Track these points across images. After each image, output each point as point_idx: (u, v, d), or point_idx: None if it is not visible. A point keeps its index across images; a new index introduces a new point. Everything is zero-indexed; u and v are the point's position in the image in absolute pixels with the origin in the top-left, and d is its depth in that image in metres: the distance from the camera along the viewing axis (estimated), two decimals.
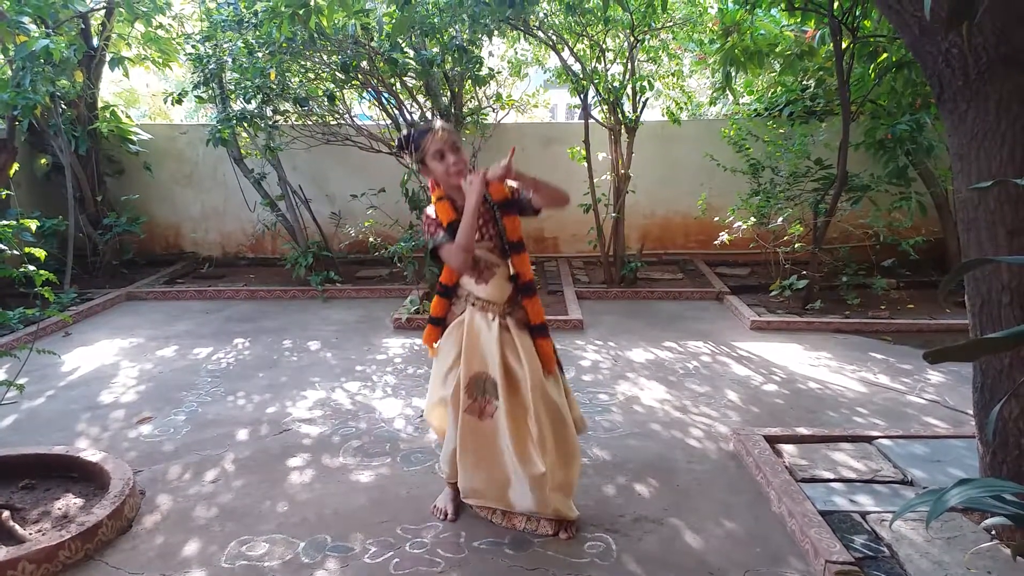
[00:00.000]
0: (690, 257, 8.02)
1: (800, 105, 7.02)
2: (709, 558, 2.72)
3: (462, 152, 2.69)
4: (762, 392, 4.42)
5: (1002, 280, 2.58)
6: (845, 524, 2.82)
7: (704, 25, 6.56)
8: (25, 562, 2.53)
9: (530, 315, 2.78)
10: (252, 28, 5.93)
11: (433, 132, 2.66)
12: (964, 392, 4.25)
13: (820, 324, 5.71)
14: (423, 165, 2.72)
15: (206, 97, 6.70)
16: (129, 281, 7.15)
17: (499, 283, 2.74)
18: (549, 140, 7.86)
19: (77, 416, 4.10)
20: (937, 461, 3.29)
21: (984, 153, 2.56)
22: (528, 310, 2.77)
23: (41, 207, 7.15)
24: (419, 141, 2.68)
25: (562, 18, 6.40)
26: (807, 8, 5.46)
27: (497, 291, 2.74)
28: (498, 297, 2.74)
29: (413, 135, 2.72)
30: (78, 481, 3.23)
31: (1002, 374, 2.66)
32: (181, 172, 8.18)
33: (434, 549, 2.78)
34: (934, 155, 6.33)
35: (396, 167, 6.94)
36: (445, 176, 2.66)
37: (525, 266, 2.75)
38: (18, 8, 5.29)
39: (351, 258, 7.81)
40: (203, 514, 3.05)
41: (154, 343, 5.45)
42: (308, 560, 2.72)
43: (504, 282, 2.75)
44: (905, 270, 6.74)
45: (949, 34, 2.49)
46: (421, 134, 2.69)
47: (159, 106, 10.36)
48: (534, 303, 2.78)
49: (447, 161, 2.65)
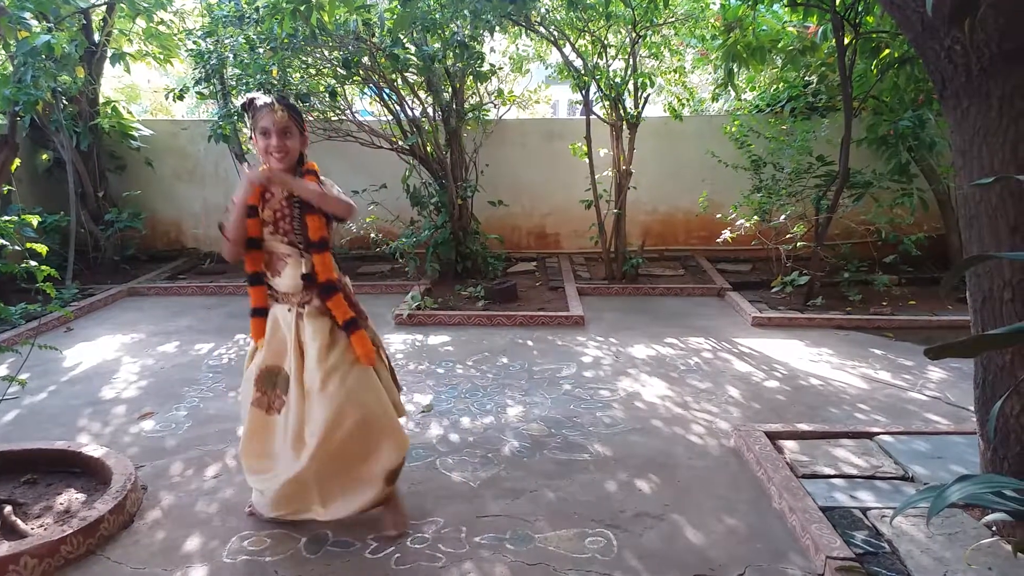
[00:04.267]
0: (692, 253, 8.02)
1: (802, 101, 7.02)
2: (710, 554, 2.73)
3: (288, 140, 2.61)
4: (763, 388, 4.42)
5: (1004, 276, 2.58)
6: (846, 520, 2.82)
7: (706, 21, 6.54)
8: (27, 557, 2.54)
9: (336, 314, 2.73)
10: (253, 24, 5.93)
11: (270, 108, 2.58)
12: (965, 388, 4.25)
13: (821, 320, 5.71)
14: (251, 134, 2.69)
15: (207, 93, 6.70)
16: (131, 277, 7.16)
17: (291, 273, 2.71)
18: (551, 136, 7.85)
19: (79, 411, 4.11)
20: (938, 457, 3.29)
21: (986, 149, 2.56)
22: (333, 310, 2.72)
23: (43, 203, 7.16)
24: (255, 112, 2.61)
25: (564, 14, 6.40)
26: (809, 4, 5.45)
27: (290, 281, 2.72)
28: (291, 287, 2.72)
29: (253, 103, 2.64)
30: (80, 476, 3.24)
31: (1003, 370, 2.66)
32: (183, 168, 8.18)
33: (435, 544, 2.79)
34: (936, 151, 6.32)
35: (398, 163, 6.95)
36: (263, 155, 2.63)
37: (324, 266, 2.69)
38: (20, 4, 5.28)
39: (353, 254, 7.82)
40: (204, 509, 3.06)
41: (155, 339, 5.46)
42: (309, 555, 2.73)
43: (296, 272, 2.70)
44: (907, 266, 6.73)
45: (952, 30, 2.48)
46: (260, 106, 2.61)
47: (160, 102, 10.35)
48: (336, 302, 2.72)
49: (268, 142, 2.59)
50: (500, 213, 7.65)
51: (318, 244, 2.67)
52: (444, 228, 6.77)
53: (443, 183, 6.82)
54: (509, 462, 3.46)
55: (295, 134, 2.66)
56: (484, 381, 4.53)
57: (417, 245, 6.49)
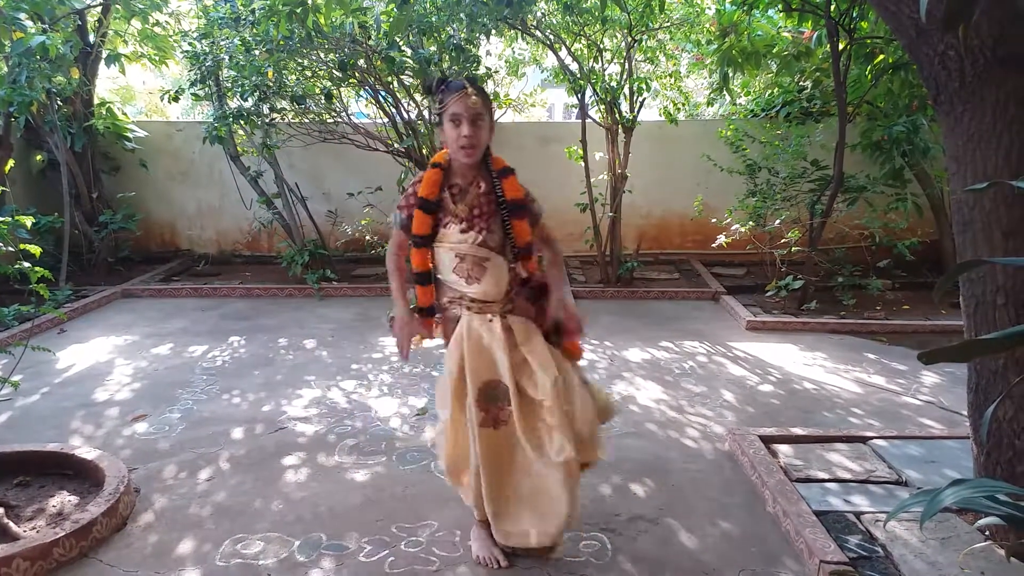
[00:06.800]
0: (686, 257, 8.02)
1: (797, 106, 7.04)
2: (704, 557, 2.73)
3: (481, 129, 2.34)
4: (758, 392, 4.43)
5: (997, 281, 2.59)
6: (840, 524, 2.83)
7: (701, 26, 6.57)
8: (19, 559, 2.53)
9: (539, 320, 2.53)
10: (249, 26, 5.92)
11: (463, 92, 2.30)
12: (959, 393, 4.26)
13: (816, 325, 5.72)
14: (439, 120, 2.40)
15: (203, 94, 6.68)
16: (124, 278, 7.13)
17: (493, 278, 2.43)
18: (546, 139, 7.86)
19: (72, 413, 4.09)
20: (932, 462, 3.30)
21: (980, 155, 2.57)
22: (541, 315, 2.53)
23: (37, 204, 7.12)
24: (445, 95, 2.34)
25: (560, 18, 6.41)
26: (804, 9, 5.47)
27: (493, 288, 2.44)
28: (495, 295, 2.45)
29: (445, 84, 2.38)
30: (73, 479, 3.22)
31: (996, 375, 2.67)
32: (177, 169, 8.16)
33: (429, 548, 2.78)
34: (930, 156, 6.35)
35: (393, 165, 6.94)
36: (453, 146, 2.36)
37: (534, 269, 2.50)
38: (14, 4, 5.27)
39: (347, 256, 7.80)
40: (198, 512, 3.05)
41: (149, 340, 5.44)
42: (303, 558, 2.72)
43: (500, 275, 2.44)
44: (900, 271, 6.75)
45: (945, 36, 2.49)
46: (451, 88, 2.34)
47: (155, 103, 10.34)
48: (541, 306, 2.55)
49: (460, 130, 2.31)
50: None
51: (526, 251, 2.45)
52: None
53: None
54: None
55: (486, 123, 2.37)
56: None
57: None
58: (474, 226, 2.40)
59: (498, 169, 2.44)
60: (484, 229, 2.40)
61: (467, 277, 2.43)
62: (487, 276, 2.42)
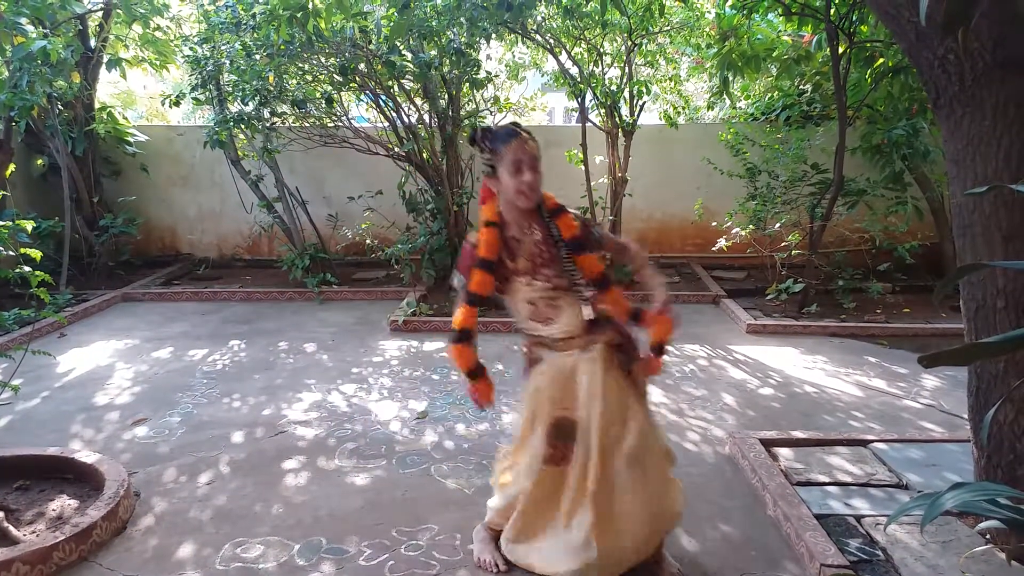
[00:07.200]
0: (687, 260, 8.02)
1: (797, 110, 7.05)
2: (704, 561, 2.72)
3: (540, 173, 2.29)
4: (758, 396, 4.42)
5: (997, 285, 2.59)
6: (840, 528, 2.82)
7: (701, 30, 6.58)
8: (19, 563, 2.53)
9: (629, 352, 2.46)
10: (250, 30, 5.93)
11: (520, 139, 2.24)
12: (959, 396, 4.25)
13: (816, 328, 5.72)
14: (492, 171, 2.31)
15: (203, 99, 6.70)
16: (125, 282, 7.13)
17: (568, 313, 2.37)
18: (547, 143, 7.72)
19: (72, 417, 4.09)
20: (932, 465, 3.30)
21: (980, 158, 2.57)
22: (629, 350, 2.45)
23: (37, 208, 7.14)
24: (498, 144, 2.26)
25: (560, 22, 6.42)
26: (804, 13, 5.48)
27: (573, 319, 2.37)
28: (573, 329, 2.38)
29: (498, 133, 2.30)
30: (73, 482, 3.22)
31: (997, 378, 2.67)
32: (178, 173, 8.17)
33: (429, 551, 2.78)
34: (930, 160, 6.35)
35: (393, 169, 6.95)
36: (513, 193, 2.27)
37: (617, 302, 2.39)
38: (16, 9, 5.28)
39: (348, 260, 7.81)
40: (198, 516, 3.04)
41: (150, 344, 5.44)
42: (303, 562, 2.72)
43: (575, 309, 2.37)
44: (901, 274, 6.75)
45: (945, 39, 2.50)
46: (505, 136, 2.26)
47: (156, 108, 10.37)
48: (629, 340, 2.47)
49: (522, 176, 2.23)
50: None
51: (602, 282, 2.35)
52: (440, 234, 6.77)
53: (439, 190, 6.82)
54: None
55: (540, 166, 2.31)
56: None
57: (413, 251, 6.48)
58: (538, 276, 2.35)
59: (550, 211, 2.37)
60: (549, 277, 2.34)
61: (544, 320, 2.40)
62: (562, 314, 2.38)
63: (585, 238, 2.36)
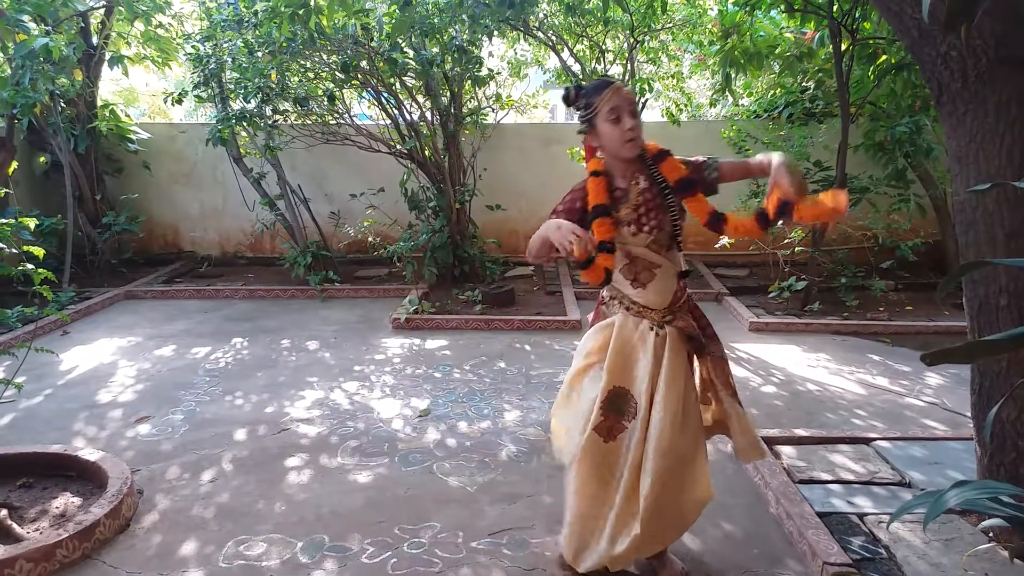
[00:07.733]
0: (689, 258, 8.01)
1: (799, 107, 7.03)
2: (707, 559, 2.72)
3: (639, 117, 2.25)
4: (761, 393, 4.42)
5: (1000, 282, 2.58)
6: (843, 526, 2.82)
7: (704, 27, 6.57)
8: (23, 561, 2.53)
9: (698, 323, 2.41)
10: (252, 28, 5.94)
11: (613, 87, 2.21)
12: (962, 394, 4.24)
13: (818, 326, 5.71)
14: (591, 127, 2.26)
15: (206, 96, 6.70)
16: (127, 280, 7.14)
17: (660, 286, 2.32)
18: (549, 141, 7.86)
19: (75, 415, 4.10)
20: (935, 463, 3.30)
21: (983, 155, 2.57)
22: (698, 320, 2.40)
23: (40, 205, 7.14)
24: (592, 96, 2.22)
25: (562, 19, 6.42)
26: (807, 10, 5.47)
27: (657, 296, 2.32)
28: (658, 303, 2.33)
29: (587, 87, 2.27)
30: (76, 480, 3.23)
31: (1000, 376, 2.67)
32: (180, 171, 8.18)
33: (432, 549, 2.78)
34: (933, 157, 6.34)
35: (395, 167, 6.95)
36: (617, 143, 2.22)
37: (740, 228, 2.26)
38: (18, 6, 5.29)
39: (350, 258, 7.82)
40: (201, 514, 3.05)
41: (152, 342, 5.45)
42: (306, 560, 2.72)
43: (668, 284, 2.33)
44: (903, 272, 6.74)
45: (948, 37, 2.49)
46: (597, 87, 2.23)
47: (158, 105, 10.35)
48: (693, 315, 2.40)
49: (622, 125, 2.19)
50: (498, 217, 7.65)
51: (716, 220, 2.29)
52: (442, 232, 6.77)
53: (441, 187, 6.82)
54: (506, 467, 3.45)
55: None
56: (481, 385, 4.53)
57: (415, 249, 6.49)
58: (643, 226, 2.28)
59: (652, 156, 2.32)
60: (655, 228, 2.28)
61: (634, 280, 2.34)
62: (653, 283, 2.32)
63: (694, 178, 2.31)
